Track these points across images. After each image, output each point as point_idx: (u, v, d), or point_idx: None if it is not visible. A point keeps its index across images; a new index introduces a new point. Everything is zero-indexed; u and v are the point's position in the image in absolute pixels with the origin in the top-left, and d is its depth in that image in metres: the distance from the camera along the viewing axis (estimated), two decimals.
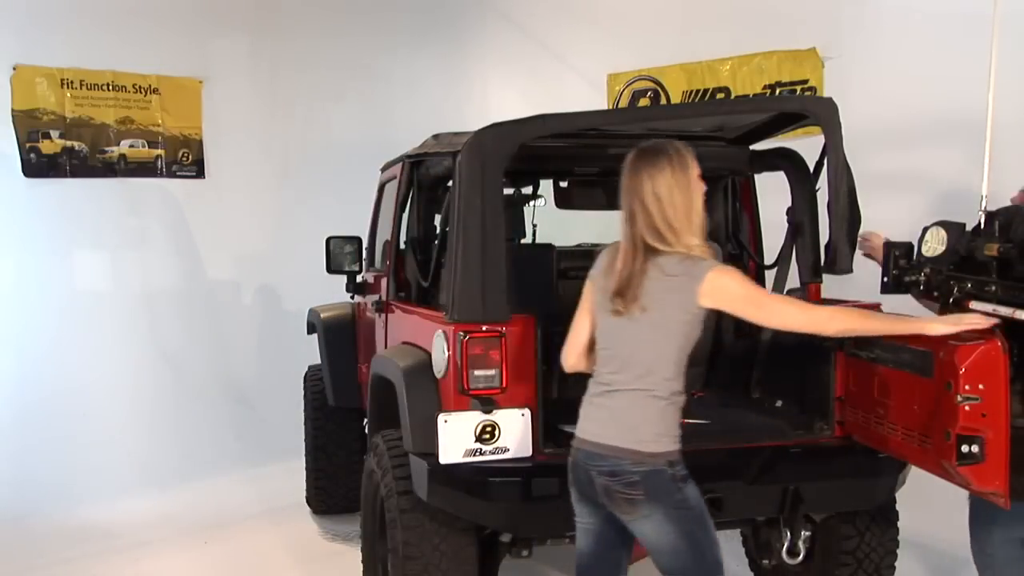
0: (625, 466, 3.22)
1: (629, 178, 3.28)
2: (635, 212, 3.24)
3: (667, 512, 3.23)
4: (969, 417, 3.25)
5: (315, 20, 9.56)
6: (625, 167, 3.31)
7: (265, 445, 8.44)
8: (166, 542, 6.85)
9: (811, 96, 6.81)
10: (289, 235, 9.12)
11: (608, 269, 3.33)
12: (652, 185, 3.22)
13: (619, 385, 3.28)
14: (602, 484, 3.27)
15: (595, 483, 3.29)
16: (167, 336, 8.85)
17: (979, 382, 3.23)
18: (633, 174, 3.27)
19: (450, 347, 3.99)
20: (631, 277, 3.22)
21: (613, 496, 3.26)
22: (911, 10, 6.47)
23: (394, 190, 5.48)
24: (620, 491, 3.24)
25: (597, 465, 3.28)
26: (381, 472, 4.43)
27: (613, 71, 8.66)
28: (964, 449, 3.26)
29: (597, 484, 3.29)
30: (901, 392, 3.65)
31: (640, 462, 3.21)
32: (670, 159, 3.25)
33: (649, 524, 3.26)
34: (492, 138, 4.08)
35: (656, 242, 3.21)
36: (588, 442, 3.32)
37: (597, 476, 3.28)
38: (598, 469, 3.28)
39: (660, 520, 3.24)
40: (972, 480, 3.31)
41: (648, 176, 3.23)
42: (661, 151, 3.27)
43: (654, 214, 3.21)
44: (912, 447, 3.58)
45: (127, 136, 8.76)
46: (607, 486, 3.26)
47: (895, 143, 5.29)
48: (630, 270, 3.22)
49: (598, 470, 3.28)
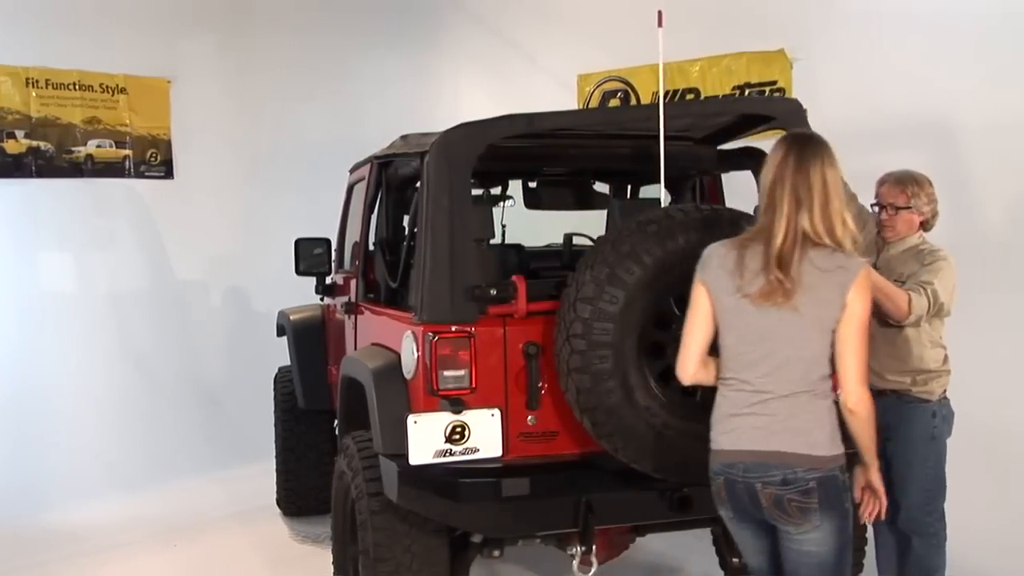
0: (799, 473, 3.05)
1: (796, 166, 3.06)
2: (802, 201, 3.04)
3: (836, 523, 3.10)
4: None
5: (285, 20, 9.54)
6: (786, 154, 3.10)
7: (235, 447, 8.40)
8: (135, 545, 6.79)
9: (778, 98, 6.84)
10: (258, 236, 9.09)
11: (738, 268, 3.12)
12: (823, 174, 3.05)
13: (778, 389, 3.10)
14: (772, 495, 3.08)
15: (760, 496, 3.10)
16: (135, 338, 8.80)
17: None
18: (802, 162, 3.06)
19: (419, 348, 3.99)
20: (788, 272, 3.02)
21: (785, 506, 3.07)
22: (877, 12, 6.52)
23: (363, 191, 5.46)
24: (795, 499, 3.05)
25: (764, 476, 3.08)
26: (351, 473, 4.42)
27: (583, 72, 8.67)
28: None
29: (764, 496, 3.09)
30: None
31: (814, 467, 3.05)
32: (831, 150, 3.12)
33: (817, 534, 3.10)
34: (460, 138, 4.09)
35: (820, 234, 3.04)
36: (749, 453, 3.11)
37: (764, 488, 3.08)
38: (765, 480, 3.08)
39: (829, 531, 3.10)
40: None
41: (820, 164, 3.06)
42: (823, 141, 3.14)
43: (824, 205, 3.04)
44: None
45: (94, 136, 8.69)
46: (779, 496, 3.07)
47: (863, 143, 5.33)
48: (788, 265, 3.03)
49: (765, 481, 3.08)
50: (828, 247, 3.05)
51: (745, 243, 3.14)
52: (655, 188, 4.80)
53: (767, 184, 3.12)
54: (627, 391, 3.73)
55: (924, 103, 6.03)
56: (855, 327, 3.05)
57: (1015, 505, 5.36)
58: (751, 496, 3.13)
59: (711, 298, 3.20)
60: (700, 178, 5.50)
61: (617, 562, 4.66)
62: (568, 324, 3.74)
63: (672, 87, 7.75)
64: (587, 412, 3.78)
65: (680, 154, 4.76)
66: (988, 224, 5.61)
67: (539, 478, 3.93)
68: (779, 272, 3.02)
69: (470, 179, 4.14)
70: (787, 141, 3.14)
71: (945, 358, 4.41)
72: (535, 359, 4.00)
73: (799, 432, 3.07)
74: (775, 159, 3.11)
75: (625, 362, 3.73)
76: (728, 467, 3.17)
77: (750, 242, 3.13)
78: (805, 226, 3.04)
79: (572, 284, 3.78)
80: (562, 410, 4.00)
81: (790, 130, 3.32)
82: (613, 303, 3.69)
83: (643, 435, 3.77)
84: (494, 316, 4.03)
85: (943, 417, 4.43)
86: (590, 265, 3.75)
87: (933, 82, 6.03)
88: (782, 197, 3.06)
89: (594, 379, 3.71)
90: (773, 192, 3.09)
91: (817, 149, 3.10)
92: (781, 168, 3.08)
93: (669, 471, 3.86)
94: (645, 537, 4.77)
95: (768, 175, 3.12)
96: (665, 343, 3.84)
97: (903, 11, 6.32)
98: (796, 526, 3.10)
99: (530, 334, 4.02)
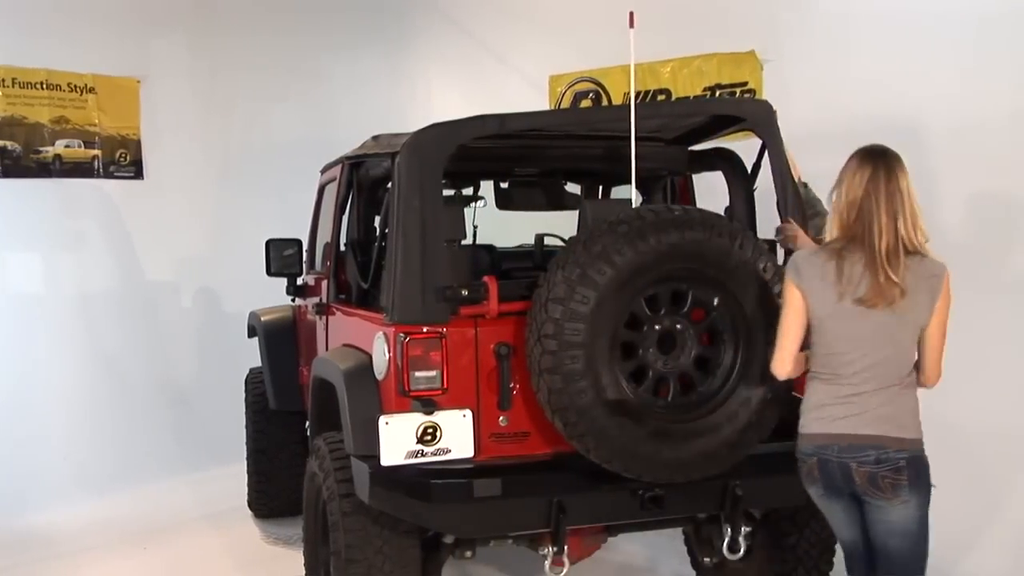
0: (891, 453, 3.39)
1: (887, 179, 3.36)
2: (897, 212, 3.33)
3: (922, 498, 3.43)
4: None
5: (256, 19, 9.50)
6: (875, 170, 3.37)
7: (206, 449, 8.37)
8: (105, 548, 6.76)
9: (748, 99, 6.87)
10: (229, 237, 9.05)
11: (839, 277, 3.39)
12: (908, 185, 3.37)
13: (872, 385, 3.42)
14: (866, 473, 3.41)
15: (854, 474, 3.42)
16: (105, 339, 8.73)
17: None
18: (891, 174, 3.37)
19: (390, 349, 3.98)
20: (896, 277, 3.31)
21: (879, 483, 3.40)
22: (848, 13, 6.55)
23: (334, 192, 5.45)
24: (888, 476, 3.39)
25: (858, 456, 3.41)
26: (323, 475, 4.41)
27: (555, 72, 8.67)
28: None
29: (858, 475, 3.42)
30: None
31: (903, 448, 3.39)
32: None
33: (904, 509, 3.42)
34: (431, 139, 4.09)
35: (911, 240, 3.35)
36: (845, 436, 3.43)
37: (860, 467, 3.41)
38: (861, 460, 3.41)
39: (915, 505, 3.42)
40: None
41: (904, 176, 3.38)
42: (898, 154, 3.44)
43: (912, 214, 3.36)
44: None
45: (62, 136, 8.61)
46: (872, 474, 3.40)
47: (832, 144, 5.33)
48: (896, 270, 3.31)
49: (860, 460, 3.41)
50: (918, 254, 3.37)
51: (841, 253, 3.40)
52: (626, 189, 4.82)
53: (856, 198, 3.39)
54: (599, 391, 3.74)
55: (894, 105, 6.06)
56: (941, 328, 3.44)
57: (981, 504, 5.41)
58: (844, 474, 3.46)
59: (806, 303, 3.47)
60: (671, 179, 5.52)
61: (589, 562, 4.67)
62: (539, 324, 3.74)
63: (643, 88, 7.76)
64: (559, 412, 3.78)
65: (651, 155, 4.78)
66: (956, 225, 5.65)
67: (511, 478, 3.94)
68: (889, 277, 3.31)
69: (441, 179, 4.14)
70: (872, 157, 3.42)
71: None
72: (507, 360, 4.01)
73: (889, 418, 3.42)
74: (864, 175, 3.39)
75: (596, 362, 3.74)
76: (821, 448, 3.50)
77: (846, 252, 3.39)
78: (902, 234, 3.34)
79: (543, 284, 3.79)
80: (534, 410, 4.00)
81: (865, 146, 3.51)
82: (584, 303, 3.69)
83: (615, 435, 3.78)
84: (466, 317, 4.03)
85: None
86: (561, 265, 3.76)
87: (903, 84, 6.07)
88: (877, 210, 3.34)
89: (566, 379, 3.71)
90: (864, 205, 3.37)
91: (901, 163, 3.42)
92: (873, 183, 3.36)
93: (641, 471, 3.87)
94: (617, 537, 4.79)
95: (857, 190, 3.39)
96: (636, 343, 3.86)
97: (873, 13, 6.35)
98: (888, 501, 3.42)
99: (502, 335, 4.03)
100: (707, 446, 3.91)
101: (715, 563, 4.82)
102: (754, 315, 3.91)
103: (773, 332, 3.65)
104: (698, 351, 3.95)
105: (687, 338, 3.93)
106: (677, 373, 3.94)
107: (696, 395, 3.97)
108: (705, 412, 3.93)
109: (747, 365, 3.94)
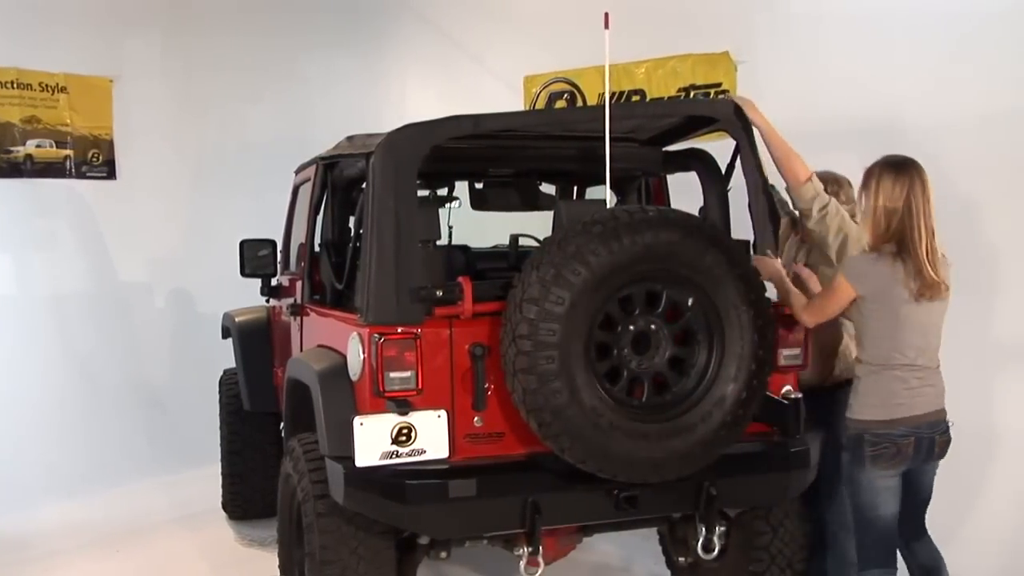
0: (946, 422, 4.04)
1: (923, 188, 3.87)
2: (931, 217, 3.87)
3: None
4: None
5: (230, 19, 9.45)
6: (910, 179, 3.87)
7: (179, 450, 8.32)
8: (77, 552, 6.71)
9: (721, 99, 6.90)
10: (203, 238, 9.01)
11: (900, 276, 3.85)
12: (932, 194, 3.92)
13: (933, 364, 4.01)
14: (943, 442, 4.03)
15: (935, 445, 4.00)
16: (77, 341, 8.68)
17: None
18: (925, 185, 3.88)
19: (365, 349, 3.97)
20: (941, 274, 3.88)
21: (945, 448, 4.05)
22: (821, 14, 6.58)
23: (308, 192, 5.44)
24: (948, 440, 4.04)
25: (938, 429, 4.01)
26: (297, 476, 4.39)
27: (530, 73, 8.68)
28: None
29: (939, 444, 4.01)
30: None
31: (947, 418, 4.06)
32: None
33: (936, 468, 4.12)
34: (405, 139, 4.08)
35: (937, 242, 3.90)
36: (929, 414, 3.98)
37: (940, 437, 4.01)
38: (939, 431, 4.01)
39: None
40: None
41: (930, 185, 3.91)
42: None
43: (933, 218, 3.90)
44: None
45: (33, 136, 8.54)
46: (944, 442, 4.03)
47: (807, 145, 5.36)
48: (939, 269, 3.88)
49: (939, 432, 4.01)
50: (940, 252, 3.92)
51: (894, 256, 3.87)
52: (601, 189, 4.82)
53: (897, 207, 3.86)
54: (573, 392, 3.75)
55: (867, 105, 6.10)
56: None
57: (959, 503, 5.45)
58: (929, 447, 3.99)
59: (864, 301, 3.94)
60: (646, 179, 5.54)
61: (564, 562, 4.67)
62: (514, 325, 3.74)
63: (618, 88, 7.78)
64: (533, 413, 3.78)
65: (626, 155, 4.79)
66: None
67: (486, 479, 3.93)
68: (937, 272, 3.86)
69: (416, 180, 4.13)
70: (907, 169, 3.90)
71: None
72: (481, 360, 4.00)
73: (942, 393, 4.05)
74: (903, 186, 3.86)
75: (571, 363, 3.74)
76: (916, 428, 3.96)
77: (898, 255, 3.86)
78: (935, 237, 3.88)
79: (518, 285, 3.79)
80: (509, 411, 4.00)
81: (893, 157, 3.97)
82: (559, 304, 3.69)
83: (589, 435, 3.79)
84: (440, 317, 4.02)
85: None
86: (536, 266, 3.76)
87: (877, 84, 6.10)
88: (920, 216, 3.85)
89: (540, 380, 3.71)
90: (905, 213, 3.85)
91: (926, 174, 3.92)
92: (914, 193, 3.86)
93: (615, 471, 3.88)
94: (592, 537, 4.79)
95: (898, 200, 3.86)
96: (611, 343, 3.87)
97: (846, 14, 6.38)
98: (936, 463, 4.10)
99: (476, 335, 4.02)
100: (682, 446, 3.92)
101: (689, 563, 4.84)
102: (728, 315, 3.93)
103: (748, 332, 3.88)
104: (672, 351, 3.96)
105: (661, 338, 3.93)
106: (651, 373, 3.94)
107: (671, 395, 3.98)
108: (679, 412, 3.94)
109: (721, 365, 3.96)
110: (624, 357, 3.89)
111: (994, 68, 5.66)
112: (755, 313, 3.94)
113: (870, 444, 3.95)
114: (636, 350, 3.92)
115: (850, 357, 4.55)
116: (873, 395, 3.97)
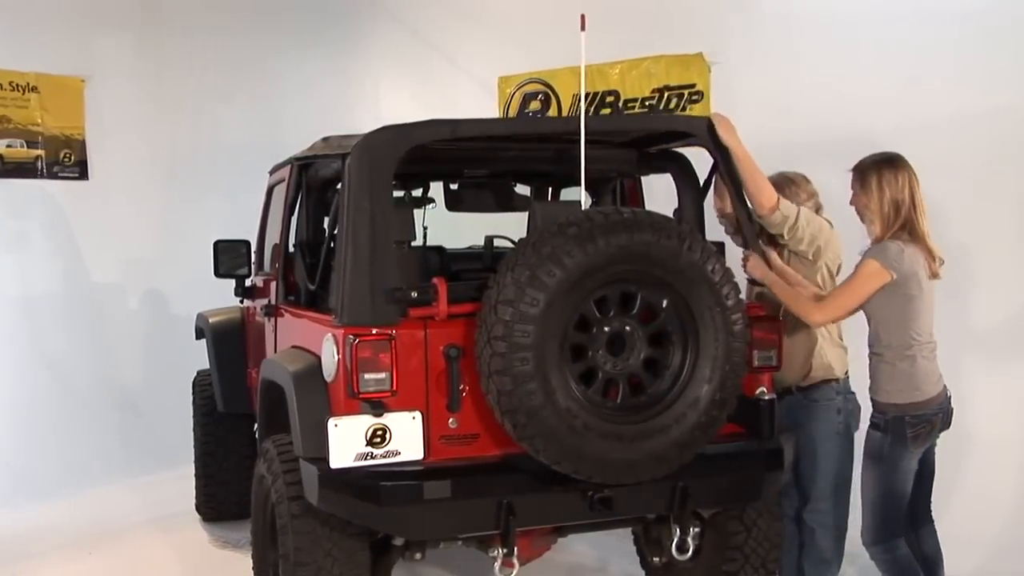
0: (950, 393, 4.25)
1: (915, 177, 4.16)
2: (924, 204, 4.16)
3: None
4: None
5: (203, 18, 9.43)
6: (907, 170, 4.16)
7: (152, 452, 8.29)
8: (49, 554, 6.65)
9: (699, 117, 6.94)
10: (176, 238, 8.98)
11: (920, 260, 4.08)
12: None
13: (934, 340, 4.19)
14: (952, 414, 4.23)
15: (950, 415, 4.23)
16: (49, 342, 8.63)
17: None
18: (914, 174, 4.16)
19: (339, 350, 3.96)
20: (940, 255, 4.14)
21: (950, 419, 4.23)
22: (795, 15, 6.63)
23: (283, 193, 5.42)
24: (953, 411, 4.24)
25: (950, 399, 4.22)
26: (271, 477, 4.38)
27: (504, 74, 8.69)
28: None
29: (951, 417, 4.23)
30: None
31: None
32: None
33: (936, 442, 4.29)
34: (382, 141, 4.08)
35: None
36: (944, 387, 4.21)
37: (951, 410, 4.22)
38: (950, 405, 4.22)
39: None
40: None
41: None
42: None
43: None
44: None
45: (4, 136, 8.49)
46: (951, 412, 4.23)
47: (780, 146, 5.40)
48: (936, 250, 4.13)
49: (950, 405, 4.22)
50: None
51: (908, 241, 4.09)
52: (576, 191, 4.83)
53: (902, 198, 4.12)
54: (548, 393, 3.75)
55: (839, 106, 6.15)
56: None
57: None
58: (945, 419, 4.20)
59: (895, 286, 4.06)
60: (621, 181, 5.55)
61: (539, 563, 4.68)
62: (489, 326, 3.74)
63: (592, 89, 7.80)
64: (508, 414, 3.78)
65: (601, 157, 4.80)
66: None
67: (460, 480, 3.93)
68: (938, 254, 4.13)
69: (392, 182, 4.13)
70: (901, 162, 4.17)
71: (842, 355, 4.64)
72: (456, 361, 3.99)
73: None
74: (903, 178, 4.14)
75: (546, 364, 3.74)
76: (941, 404, 4.17)
77: (911, 241, 4.10)
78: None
79: (493, 286, 3.79)
80: (483, 412, 4.00)
81: (885, 154, 4.23)
82: (534, 305, 3.70)
83: (564, 436, 3.80)
84: (415, 318, 4.02)
85: (848, 412, 4.57)
86: (511, 267, 3.76)
87: (848, 85, 6.16)
88: (918, 205, 4.13)
89: (515, 381, 3.72)
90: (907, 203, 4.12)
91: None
92: (911, 183, 4.14)
93: (590, 472, 3.89)
94: (567, 537, 4.80)
95: (902, 192, 4.12)
96: (586, 345, 3.88)
97: (820, 15, 6.44)
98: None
99: (451, 336, 4.02)
100: (656, 447, 3.93)
101: (664, 563, 4.86)
102: (702, 317, 3.94)
103: (722, 333, 3.90)
104: (647, 353, 3.97)
105: (636, 340, 3.94)
106: (626, 374, 3.95)
107: (645, 396, 3.99)
108: (654, 413, 3.95)
109: (696, 367, 3.97)
110: (599, 358, 3.90)
111: (964, 69, 5.72)
112: (729, 314, 3.96)
113: (910, 425, 4.11)
114: (611, 351, 3.92)
115: (825, 358, 4.58)
116: (907, 378, 4.13)
